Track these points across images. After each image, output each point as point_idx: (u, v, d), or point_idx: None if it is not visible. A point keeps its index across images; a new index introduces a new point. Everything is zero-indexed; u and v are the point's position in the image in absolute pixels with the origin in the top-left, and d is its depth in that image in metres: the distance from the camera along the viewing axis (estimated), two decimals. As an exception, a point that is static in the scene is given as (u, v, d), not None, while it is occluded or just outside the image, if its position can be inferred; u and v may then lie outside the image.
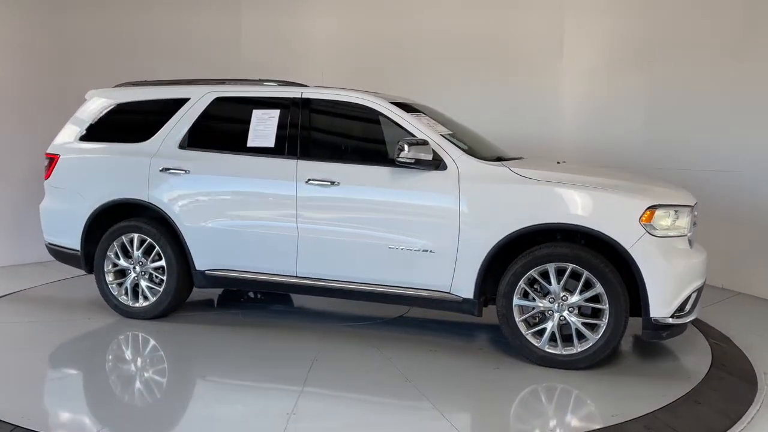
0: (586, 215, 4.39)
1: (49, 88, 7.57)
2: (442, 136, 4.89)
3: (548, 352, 4.50)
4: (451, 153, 4.76)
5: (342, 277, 4.98)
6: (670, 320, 4.32)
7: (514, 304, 4.54)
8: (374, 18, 8.30)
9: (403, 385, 4.23)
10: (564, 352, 4.46)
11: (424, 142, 4.67)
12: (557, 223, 4.45)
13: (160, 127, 5.50)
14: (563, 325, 4.50)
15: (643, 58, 7.35)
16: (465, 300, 4.69)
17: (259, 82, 5.51)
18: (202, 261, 5.31)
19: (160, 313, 5.44)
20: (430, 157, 4.65)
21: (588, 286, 4.41)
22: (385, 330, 5.40)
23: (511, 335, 4.59)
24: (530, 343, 4.53)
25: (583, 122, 7.71)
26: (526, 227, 4.47)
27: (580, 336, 4.46)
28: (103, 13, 8.09)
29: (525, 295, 4.54)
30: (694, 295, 4.47)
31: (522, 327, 4.54)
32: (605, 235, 4.33)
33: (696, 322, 5.26)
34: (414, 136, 4.80)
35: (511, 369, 4.51)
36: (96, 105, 5.81)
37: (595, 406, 4.05)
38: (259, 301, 6.36)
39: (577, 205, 4.43)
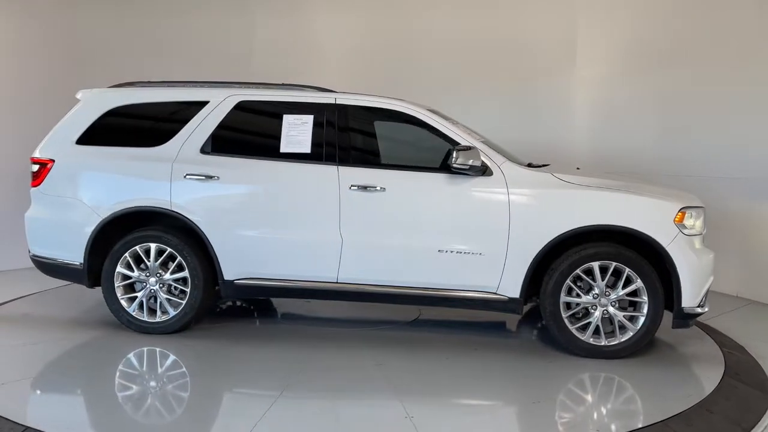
0: (629, 217, 4.79)
1: (56, 88, 6.96)
2: (483, 142, 5.11)
3: (593, 344, 4.85)
4: (495, 159, 4.98)
5: (386, 281, 5.02)
6: (698, 309, 4.84)
7: (561, 300, 4.85)
8: (383, 22, 8.27)
9: (479, 384, 4.40)
10: (608, 343, 4.84)
11: (473, 148, 4.85)
12: (605, 225, 4.79)
13: (177, 131, 5.22)
14: (603, 318, 4.88)
15: (656, 63, 7.34)
16: (511, 299, 4.93)
17: (282, 85, 5.41)
18: (231, 270, 5.12)
19: (182, 326, 5.18)
20: (479, 163, 4.84)
21: (627, 281, 4.81)
22: (416, 332, 5.51)
23: (558, 330, 4.89)
24: (576, 337, 4.87)
25: (595, 128, 7.85)
26: (575, 229, 4.79)
27: (621, 327, 4.86)
28: (111, 15, 7.76)
29: (569, 292, 4.87)
30: (709, 289, 5.02)
31: (568, 322, 4.87)
32: (647, 235, 4.75)
33: (709, 331, 5.59)
34: (457, 143, 4.97)
35: (565, 361, 4.80)
36: (95, 106, 5.38)
37: (603, 413, 4.13)
38: (244, 309, 6.20)
39: (620, 208, 4.82)
